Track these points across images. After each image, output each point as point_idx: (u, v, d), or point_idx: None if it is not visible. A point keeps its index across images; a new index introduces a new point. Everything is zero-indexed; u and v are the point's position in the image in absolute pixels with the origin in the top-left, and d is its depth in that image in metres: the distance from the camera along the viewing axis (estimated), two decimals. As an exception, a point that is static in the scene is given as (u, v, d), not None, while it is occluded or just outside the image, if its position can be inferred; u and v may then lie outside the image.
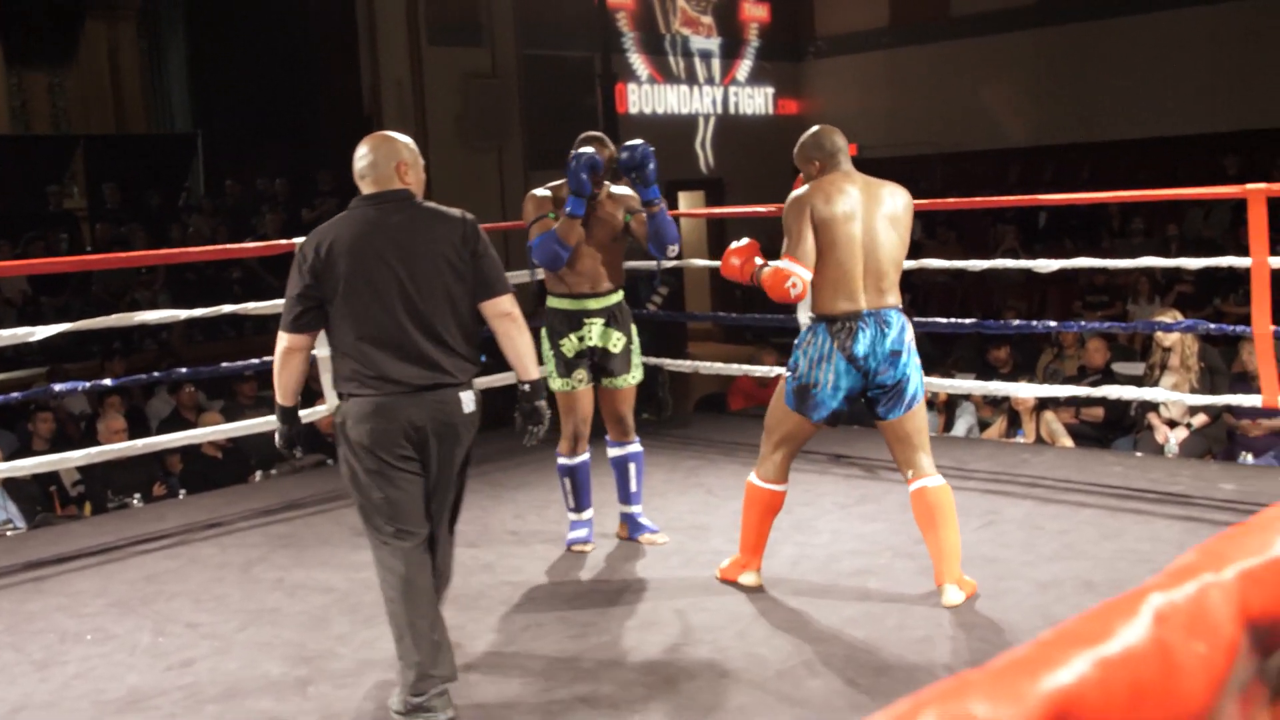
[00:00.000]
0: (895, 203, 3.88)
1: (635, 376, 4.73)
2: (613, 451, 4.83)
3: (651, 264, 7.35)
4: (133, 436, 6.65)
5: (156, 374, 6.60)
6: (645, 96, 15.64)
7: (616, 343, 4.64)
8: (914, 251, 13.96)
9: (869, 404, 3.94)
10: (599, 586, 4.33)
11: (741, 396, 8.29)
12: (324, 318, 3.32)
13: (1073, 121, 14.69)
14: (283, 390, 3.46)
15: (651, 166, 4.48)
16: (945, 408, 7.44)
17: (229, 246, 9.29)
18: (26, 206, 13.30)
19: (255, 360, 6.47)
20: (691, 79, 16.24)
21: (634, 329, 4.74)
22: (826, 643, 3.65)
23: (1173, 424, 6.79)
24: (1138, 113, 14.08)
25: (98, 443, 6.69)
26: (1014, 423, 7.10)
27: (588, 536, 4.79)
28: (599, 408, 4.75)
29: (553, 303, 4.66)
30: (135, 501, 6.62)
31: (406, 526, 3.26)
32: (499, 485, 5.86)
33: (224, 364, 6.42)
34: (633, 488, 4.80)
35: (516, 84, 14.05)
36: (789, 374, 3.97)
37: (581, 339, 4.60)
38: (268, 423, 6.39)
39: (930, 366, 8.45)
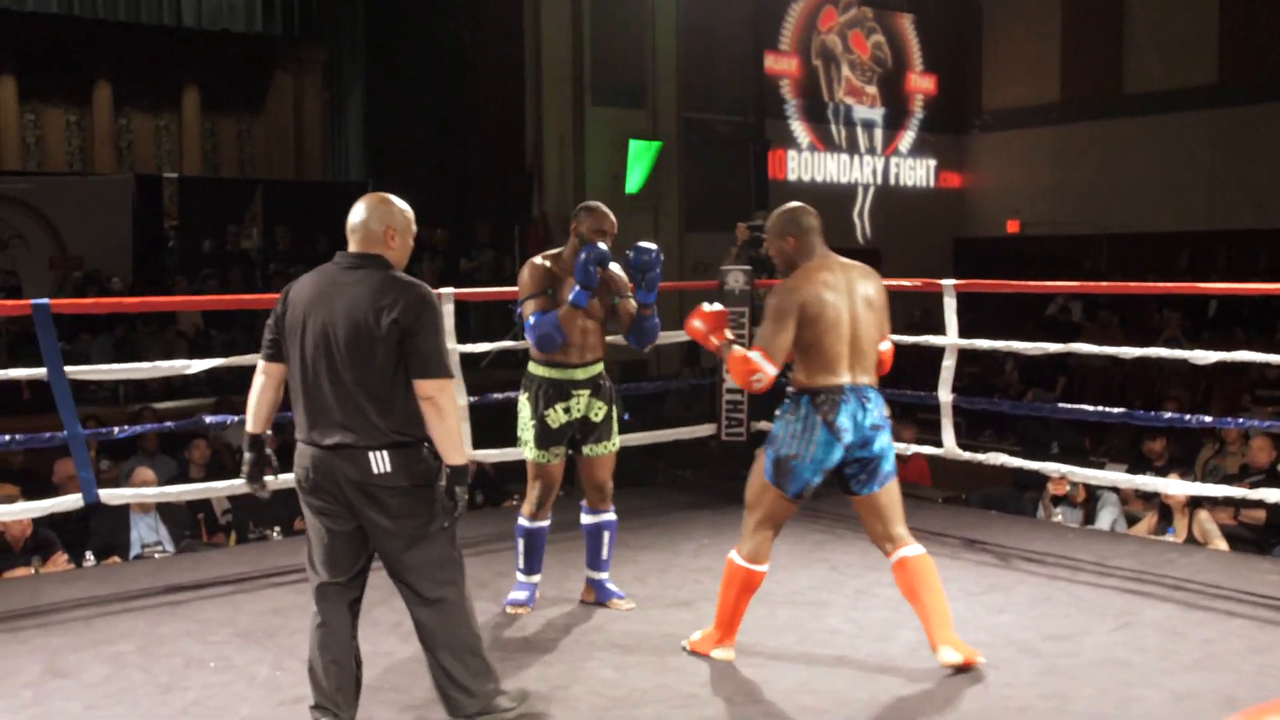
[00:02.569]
0: (869, 286, 4.04)
1: (615, 444, 4.78)
2: (587, 519, 4.81)
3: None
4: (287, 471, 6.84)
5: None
6: (805, 164, 15.63)
7: (598, 412, 4.69)
8: (1072, 334, 13.42)
9: (843, 480, 4.01)
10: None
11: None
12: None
13: (1249, 207, 14.12)
14: (252, 416, 3.62)
15: (656, 273, 4.60)
16: (1086, 501, 7.13)
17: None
18: (208, 245, 13.99)
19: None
20: (853, 148, 16.18)
21: (616, 397, 4.79)
22: (937, 737, 3.52)
23: (1340, 533, 6.39)
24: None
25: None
26: (1165, 519, 6.78)
27: (528, 600, 4.81)
28: (578, 476, 4.79)
29: (538, 370, 4.67)
30: (275, 534, 6.81)
31: (327, 571, 3.48)
32: (624, 545, 5.83)
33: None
34: (604, 555, 4.81)
35: (675, 146, 14.20)
36: (768, 447, 4.01)
37: (568, 410, 4.63)
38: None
39: (1078, 456, 8.19)
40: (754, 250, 7.48)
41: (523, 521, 4.76)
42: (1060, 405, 6.86)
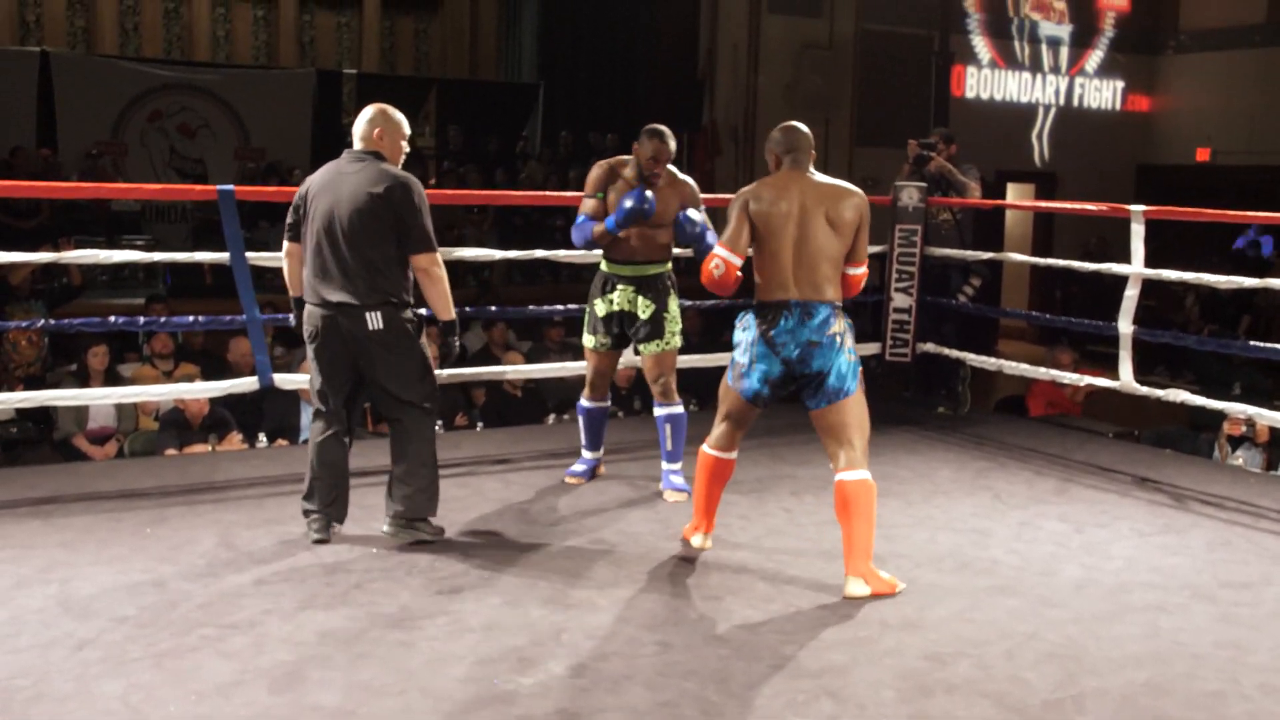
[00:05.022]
0: (840, 205, 4.08)
1: (668, 344, 5.07)
2: (655, 411, 5.18)
3: (966, 254, 7.06)
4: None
5: (469, 309, 6.89)
6: (984, 81, 15.02)
7: (645, 309, 5.03)
8: (1262, 270, 12.71)
9: (798, 392, 4.14)
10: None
11: (1043, 401, 7.86)
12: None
13: None
14: (291, 283, 4.50)
15: (707, 243, 4.80)
16: (1270, 444, 6.76)
17: (549, 194, 9.58)
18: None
19: (561, 306, 6.65)
20: (1035, 66, 15.46)
21: (672, 301, 5.07)
22: (1102, 678, 3.38)
23: None
24: None
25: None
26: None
27: (584, 473, 5.37)
28: (641, 373, 5.24)
29: (601, 265, 5.14)
30: (437, 428, 6.95)
31: (327, 404, 4.39)
32: (782, 462, 5.79)
33: (530, 307, 6.62)
34: (667, 446, 5.11)
35: (851, 58, 13.79)
36: (733, 352, 4.25)
37: (610, 302, 5.07)
38: (565, 368, 6.58)
39: (1262, 398, 7.77)
40: (921, 167, 7.24)
41: (582, 402, 5.34)
42: (1252, 344, 6.50)
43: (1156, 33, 16.23)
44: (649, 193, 4.86)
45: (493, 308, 7.22)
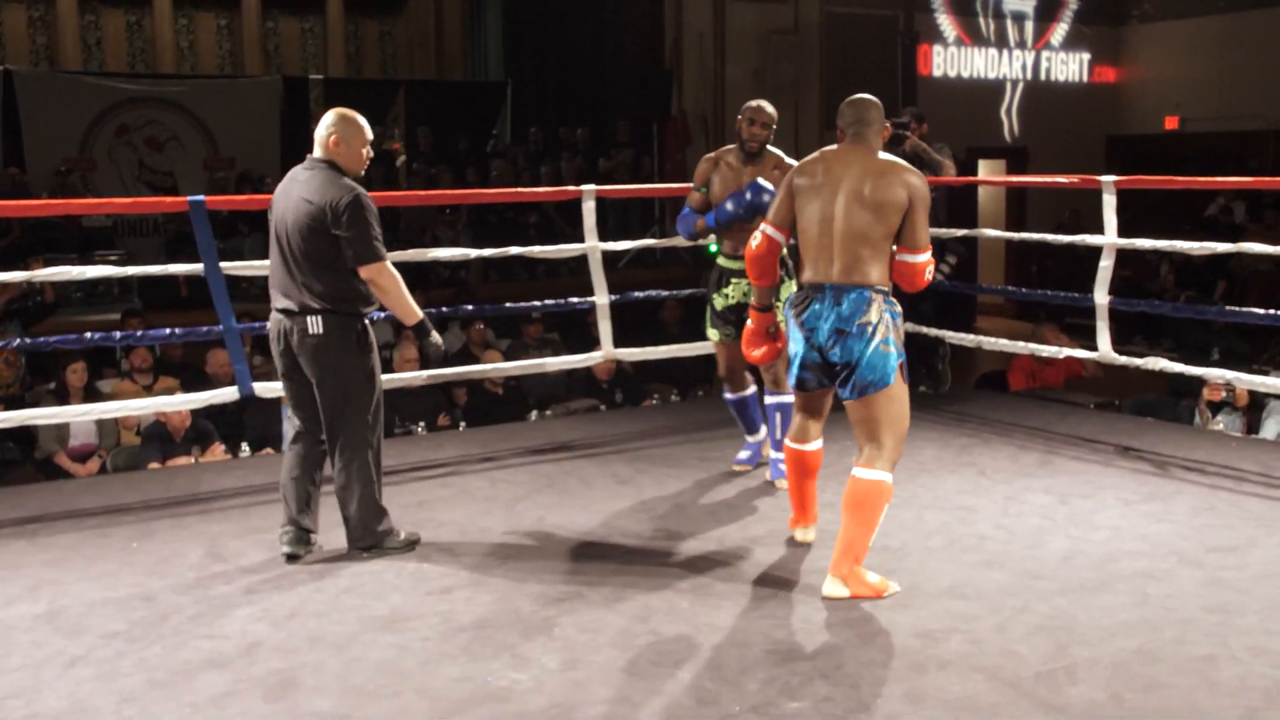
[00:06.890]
0: (884, 183, 3.81)
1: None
2: (766, 399, 5.15)
3: (941, 232, 7.08)
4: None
5: (445, 309, 6.87)
6: (950, 59, 15.05)
7: None
8: (1234, 236, 12.78)
9: (835, 379, 3.94)
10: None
11: (1024, 376, 7.89)
12: None
13: None
14: None
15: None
16: (1249, 409, 6.82)
17: (522, 190, 9.56)
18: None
19: (538, 302, 6.64)
20: (1001, 42, 15.49)
21: (783, 289, 4.87)
22: (1093, 647, 3.40)
23: None
24: None
25: (392, 370, 7.05)
26: (1336, 429, 6.45)
27: (749, 459, 5.39)
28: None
29: (718, 260, 5.22)
30: (419, 429, 6.94)
31: (293, 413, 4.37)
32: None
33: (508, 304, 6.61)
34: (777, 435, 5.08)
35: (818, 41, 13.80)
36: None
37: (726, 296, 5.12)
38: (545, 364, 6.57)
39: (1240, 363, 7.82)
40: (896, 148, 7.24)
41: (726, 395, 5.37)
42: (1229, 308, 6.54)
43: (1120, 3, 16.29)
44: (748, 195, 4.82)
45: (469, 306, 7.19)
